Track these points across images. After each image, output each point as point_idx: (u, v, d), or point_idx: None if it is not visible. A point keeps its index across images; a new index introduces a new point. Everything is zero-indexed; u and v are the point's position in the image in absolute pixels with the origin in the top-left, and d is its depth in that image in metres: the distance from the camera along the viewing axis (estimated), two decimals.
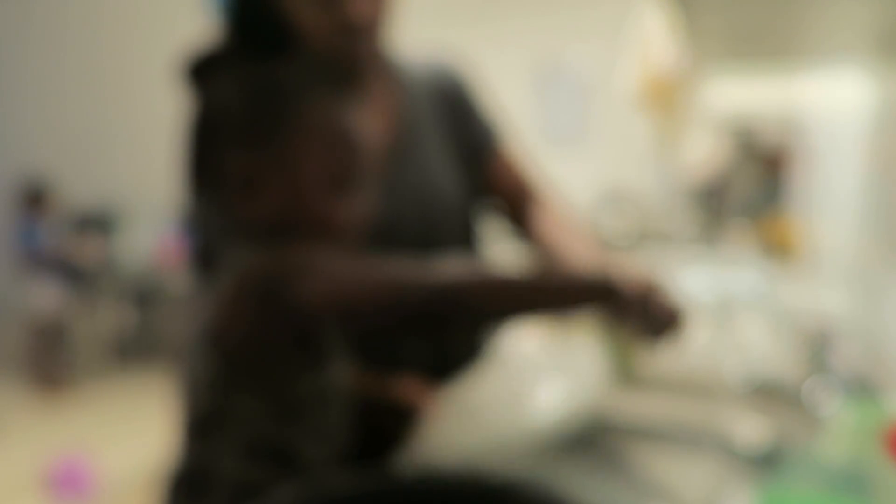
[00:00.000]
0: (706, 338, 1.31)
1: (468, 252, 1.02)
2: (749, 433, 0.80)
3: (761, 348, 1.22)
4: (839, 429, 0.82)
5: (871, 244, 1.49)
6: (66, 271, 4.22)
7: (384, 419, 0.86)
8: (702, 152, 3.19)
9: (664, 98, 2.87)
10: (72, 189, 4.65)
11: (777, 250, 2.39)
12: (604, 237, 3.49)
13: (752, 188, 3.22)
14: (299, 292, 0.64)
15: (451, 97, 1.02)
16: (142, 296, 4.54)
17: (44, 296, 4.12)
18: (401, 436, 0.84)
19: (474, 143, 1.03)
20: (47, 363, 4.10)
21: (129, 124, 4.78)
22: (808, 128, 2.35)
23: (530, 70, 4.41)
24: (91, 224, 4.63)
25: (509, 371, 0.89)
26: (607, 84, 3.92)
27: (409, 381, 0.88)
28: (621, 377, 0.81)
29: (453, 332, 0.85)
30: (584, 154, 4.31)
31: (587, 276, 0.70)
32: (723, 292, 1.61)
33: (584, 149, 4.33)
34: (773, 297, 1.60)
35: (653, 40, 2.74)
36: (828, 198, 2.02)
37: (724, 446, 0.79)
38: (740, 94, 2.94)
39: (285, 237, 0.68)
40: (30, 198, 4.31)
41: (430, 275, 0.66)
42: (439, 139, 0.99)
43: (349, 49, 0.83)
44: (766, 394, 0.97)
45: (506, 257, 1.11)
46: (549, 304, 0.68)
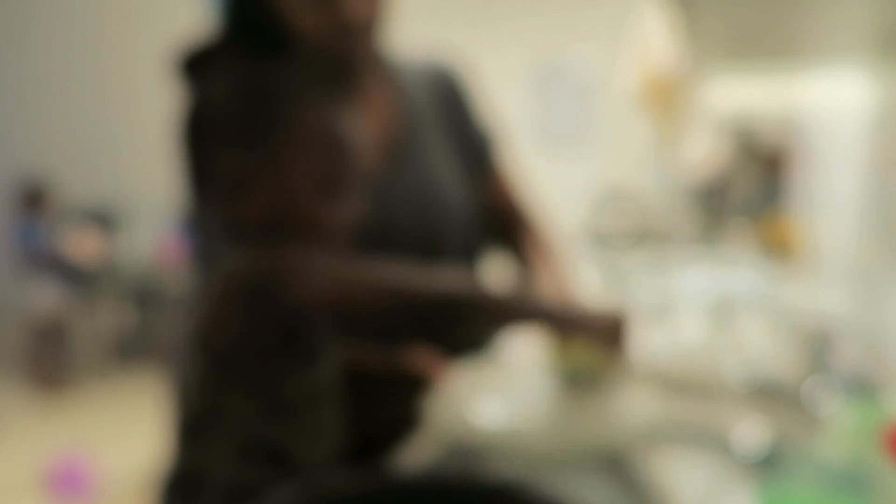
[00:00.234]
0: (706, 338, 1.31)
1: (471, 252, 1.02)
2: (749, 433, 0.80)
3: (761, 348, 1.22)
4: (839, 429, 0.82)
5: (871, 244, 1.49)
6: (65, 271, 4.22)
7: (396, 392, 0.84)
8: (702, 152, 3.19)
9: (664, 98, 2.87)
10: (72, 189, 4.66)
11: (777, 250, 2.39)
12: (604, 237, 3.49)
13: (752, 188, 3.22)
14: (288, 293, 0.64)
15: (450, 98, 1.02)
16: (142, 296, 4.54)
17: (43, 296, 4.12)
18: (413, 408, 0.83)
19: (472, 149, 1.03)
20: (47, 363, 4.10)
21: (129, 124, 4.78)
22: (808, 128, 2.35)
23: (530, 70, 4.42)
24: (91, 224, 4.63)
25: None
26: (607, 84, 3.92)
27: (420, 352, 0.85)
28: (580, 383, 0.81)
29: (442, 341, 0.85)
30: (585, 154, 4.31)
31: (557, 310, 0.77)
32: (723, 292, 1.61)
33: (585, 149, 4.33)
34: (773, 297, 1.60)
35: (653, 40, 2.74)
36: (828, 198, 2.01)
37: (724, 446, 0.79)
38: (740, 94, 2.93)
39: (274, 239, 0.68)
40: (29, 197, 4.31)
41: (419, 280, 0.67)
42: (441, 139, 0.99)
43: (346, 49, 0.83)
44: (766, 394, 0.96)
45: (505, 259, 1.11)
46: (518, 324, 0.74)
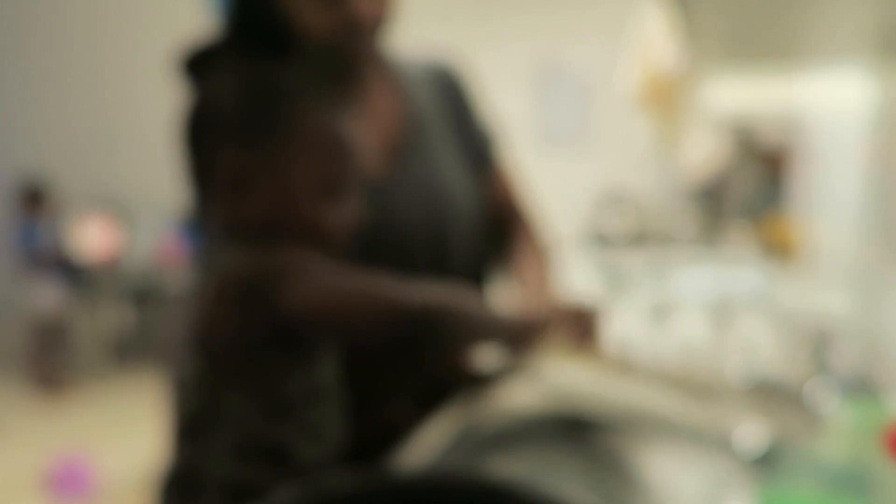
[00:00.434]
0: (706, 338, 1.31)
1: (477, 250, 1.02)
2: (749, 433, 0.80)
3: (761, 348, 1.22)
4: (839, 429, 0.82)
5: (871, 244, 1.49)
6: (66, 271, 4.22)
7: (396, 392, 0.87)
8: (702, 152, 3.19)
9: (664, 98, 2.87)
10: (72, 188, 4.65)
11: (777, 250, 2.39)
12: (604, 237, 3.49)
13: (752, 188, 3.22)
14: (282, 296, 0.64)
15: (451, 97, 1.02)
16: (142, 296, 4.54)
17: (44, 296, 4.12)
18: (413, 408, 0.85)
19: (474, 149, 1.03)
20: (47, 363, 4.10)
21: (129, 123, 4.78)
22: (808, 128, 2.35)
23: (530, 70, 4.41)
24: (101, 215, 4.61)
25: None
26: (607, 84, 3.92)
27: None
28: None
29: (432, 356, 0.85)
30: (585, 154, 4.31)
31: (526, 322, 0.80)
32: (723, 292, 1.61)
33: (585, 149, 4.33)
34: (773, 298, 1.60)
35: (653, 40, 2.74)
36: (828, 198, 2.02)
37: (724, 446, 0.79)
38: (740, 94, 2.93)
39: (272, 240, 0.68)
40: (29, 197, 4.31)
41: (401, 293, 0.68)
42: (444, 138, 0.99)
43: (352, 48, 0.83)
44: (766, 394, 0.96)
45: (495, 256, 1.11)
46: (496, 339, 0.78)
